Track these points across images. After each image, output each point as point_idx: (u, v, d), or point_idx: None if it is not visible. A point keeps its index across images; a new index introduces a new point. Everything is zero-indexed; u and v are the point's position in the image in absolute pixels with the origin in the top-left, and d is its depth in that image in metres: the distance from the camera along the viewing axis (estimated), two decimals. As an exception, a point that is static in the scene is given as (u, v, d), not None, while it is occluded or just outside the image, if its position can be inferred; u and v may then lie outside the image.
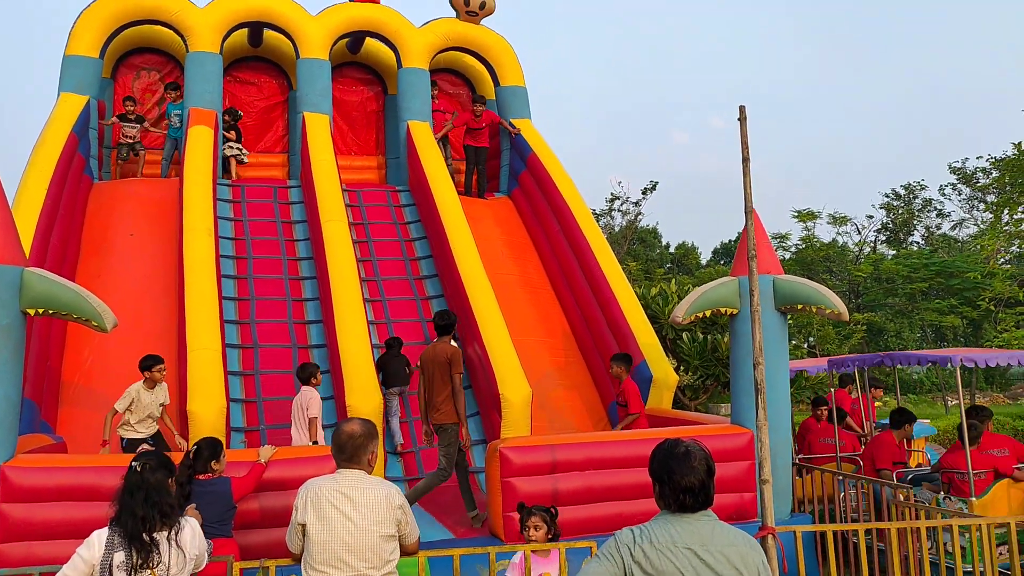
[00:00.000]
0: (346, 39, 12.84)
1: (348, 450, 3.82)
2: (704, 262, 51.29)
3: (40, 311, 5.62)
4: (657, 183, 29.31)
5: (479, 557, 5.83)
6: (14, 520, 5.46)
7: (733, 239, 60.51)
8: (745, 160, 4.85)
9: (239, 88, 13.10)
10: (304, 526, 3.78)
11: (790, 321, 13.52)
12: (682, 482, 2.89)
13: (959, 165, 35.49)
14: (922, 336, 34.28)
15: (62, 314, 5.70)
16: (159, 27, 12.07)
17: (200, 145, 10.81)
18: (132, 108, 11.99)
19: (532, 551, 4.86)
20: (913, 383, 29.01)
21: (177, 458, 5.27)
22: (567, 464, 6.71)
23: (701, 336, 13.56)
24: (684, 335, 13.69)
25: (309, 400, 7.77)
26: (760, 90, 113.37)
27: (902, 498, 7.05)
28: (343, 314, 8.99)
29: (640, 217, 29.41)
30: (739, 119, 4.78)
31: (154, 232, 10.51)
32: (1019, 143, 19.21)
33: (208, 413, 7.61)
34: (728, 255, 59.28)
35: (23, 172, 9.62)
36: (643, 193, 29.48)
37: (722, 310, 7.41)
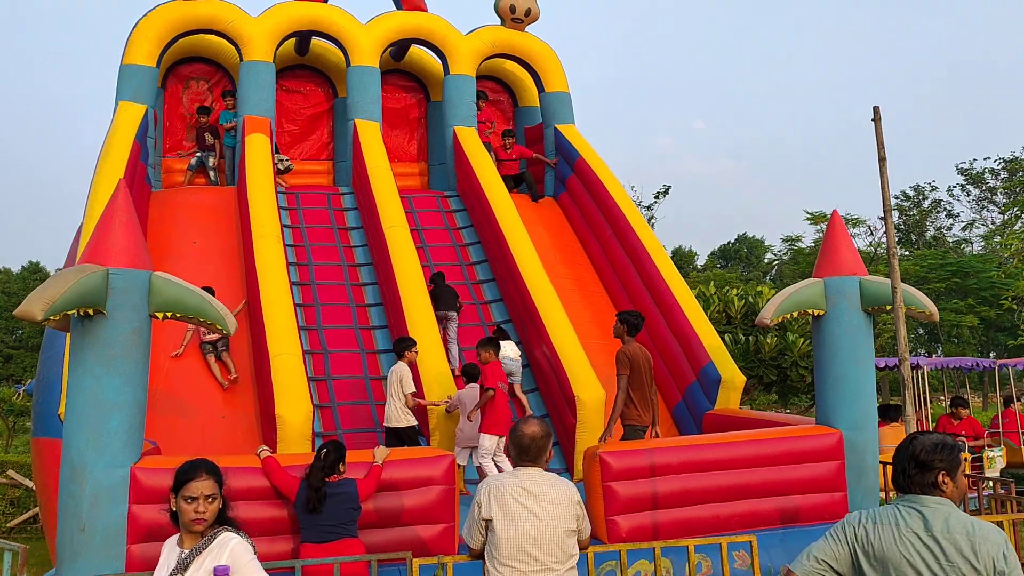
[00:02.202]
0: (391, 47, 12.95)
1: (532, 451, 3.91)
2: (700, 265, 51.35)
3: (168, 315, 5.70)
4: (670, 187, 29.55)
5: (644, 552, 5.90)
6: (145, 521, 5.53)
7: (732, 241, 60.94)
8: (881, 160, 4.96)
9: (285, 96, 13.18)
10: (489, 521, 3.86)
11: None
12: (900, 462, 3.05)
13: (966, 166, 35.85)
14: (916, 337, 34.58)
15: (188, 318, 5.77)
16: (207, 36, 12.17)
17: (259, 153, 10.91)
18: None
19: None
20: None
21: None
22: (665, 468, 6.77)
23: (743, 337, 13.68)
24: (726, 336, 13.78)
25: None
26: (761, 89, 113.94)
27: None
28: (415, 319, 9.08)
29: (654, 221, 29.57)
30: (872, 119, 4.90)
31: (215, 240, 10.59)
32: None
33: (296, 417, 7.69)
34: (726, 257, 59.62)
35: (92, 181, 9.68)
36: (655, 197, 29.69)
37: (809, 311, 7.51)
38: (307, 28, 12.12)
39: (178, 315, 5.78)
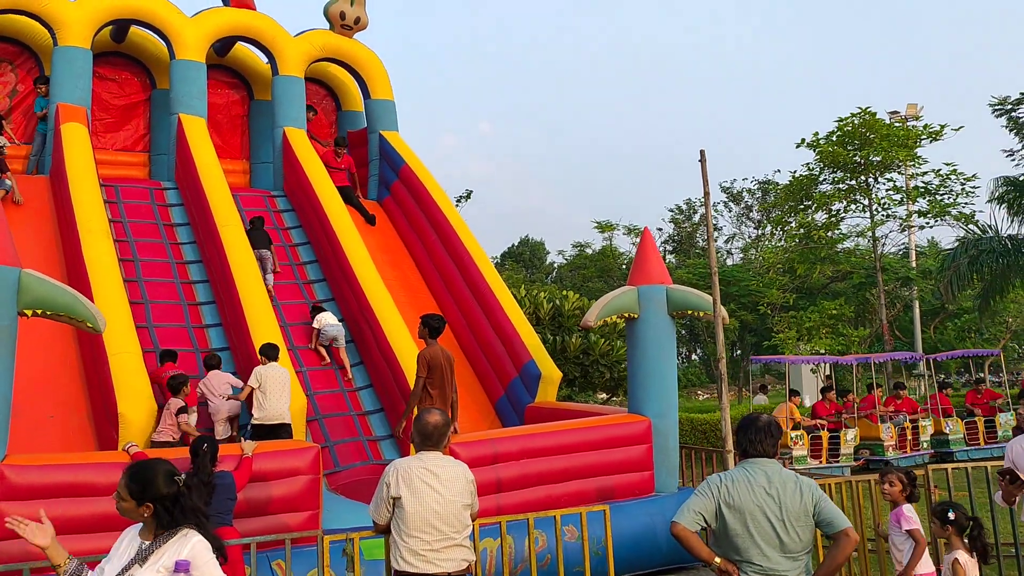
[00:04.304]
0: (217, 42, 12.82)
1: (435, 437, 4.52)
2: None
3: (37, 312, 5.69)
4: (471, 191, 30.65)
5: (521, 524, 6.52)
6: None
7: (516, 244, 63.74)
8: (706, 194, 6.01)
9: (97, 83, 12.60)
10: (397, 499, 4.42)
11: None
12: (747, 435, 3.92)
13: (728, 185, 40.03)
14: (680, 337, 38.23)
15: (58, 315, 5.78)
16: (14, 16, 11.51)
17: (79, 143, 10.53)
18: None
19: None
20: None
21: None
22: (506, 455, 7.57)
23: (551, 337, 14.84)
24: (535, 337, 14.88)
25: None
26: (546, 97, 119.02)
27: None
28: (256, 319, 9.24)
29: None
30: (699, 160, 5.93)
31: (28, 231, 10.10)
32: (794, 172, 22.43)
33: (139, 415, 7.73)
34: (513, 258, 62.36)
35: None
36: (458, 200, 30.64)
37: (625, 314, 8.60)
38: (129, 17, 11.78)
39: (48, 313, 5.79)
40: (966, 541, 4.84)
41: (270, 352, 8.48)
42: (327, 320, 10.39)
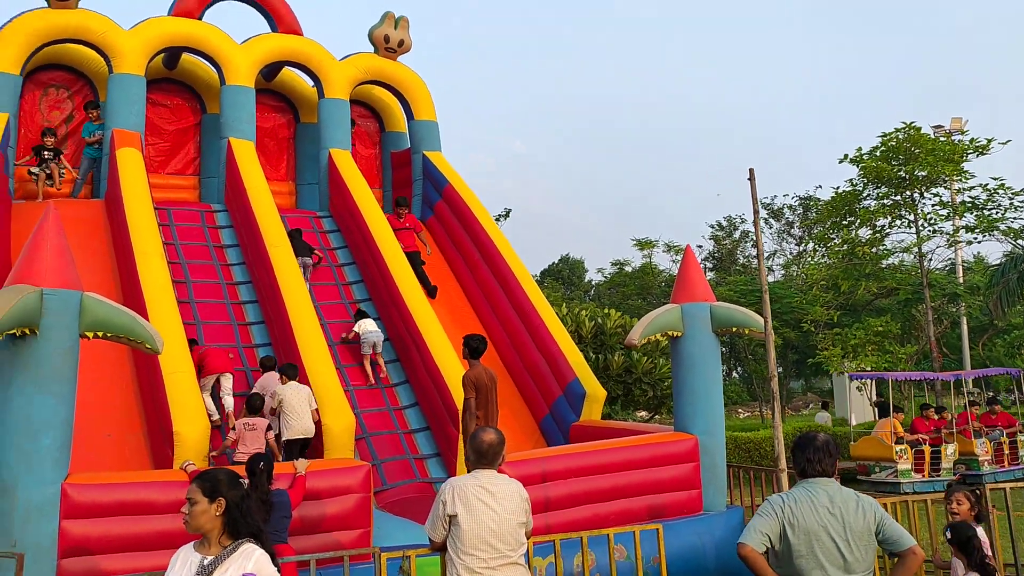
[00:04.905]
0: (265, 67, 13.12)
1: (489, 456, 4.57)
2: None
3: (98, 334, 5.86)
4: (510, 210, 30.78)
5: (573, 543, 6.55)
6: (75, 536, 5.66)
7: (556, 262, 63.93)
8: (756, 212, 6.03)
9: (151, 109, 12.96)
10: (453, 517, 4.47)
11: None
12: (805, 454, 3.90)
13: (768, 202, 39.68)
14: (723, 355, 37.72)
15: (117, 337, 5.95)
16: (71, 44, 11.89)
17: (134, 168, 10.81)
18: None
19: None
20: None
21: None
22: (554, 474, 7.59)
23: (593, 355, 14.82)
24: (577, 355, 14.88)
25: None
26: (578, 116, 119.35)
27: None
28: (305, 339, 9.38)
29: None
30: (748, 179, 5.95)
31: (86, 254, 10.37)
32: (837, 188, 22.21)
33: (194, 433, 7.85)
34: (552, 276, 62.45)
35: (-44, 191, 9.32)
36: (497, 219, 30.76)
37: (669, 332, 8.59)
38: (181, 45, 12.11)
39: (108, 334, 5.95)
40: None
41: (290, 372, 8.75)
42: (367, 327, 10.57)
